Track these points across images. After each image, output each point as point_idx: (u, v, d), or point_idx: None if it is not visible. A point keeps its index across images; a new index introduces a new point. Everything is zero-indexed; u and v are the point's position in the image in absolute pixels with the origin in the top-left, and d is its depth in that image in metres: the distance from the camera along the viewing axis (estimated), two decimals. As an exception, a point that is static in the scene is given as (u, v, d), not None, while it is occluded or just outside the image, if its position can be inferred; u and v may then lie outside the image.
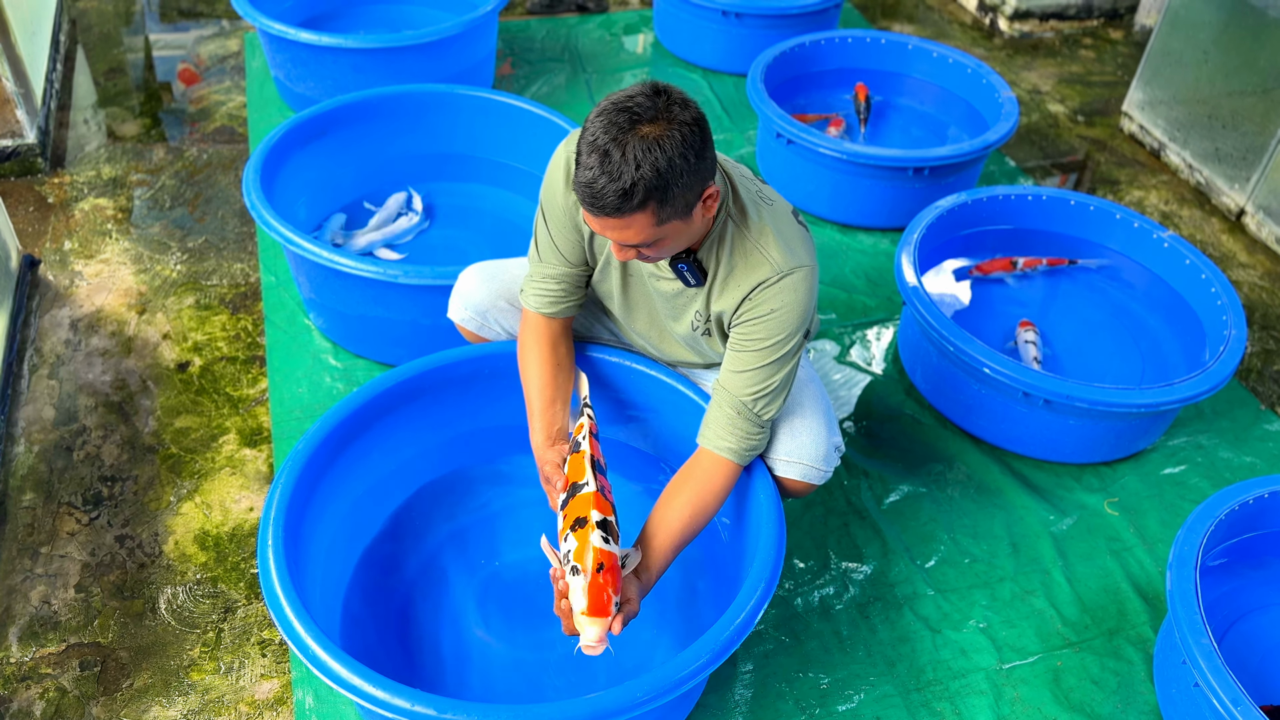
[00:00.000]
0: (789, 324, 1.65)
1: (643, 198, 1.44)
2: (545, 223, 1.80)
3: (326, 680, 1.48)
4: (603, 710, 1.45)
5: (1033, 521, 2.27)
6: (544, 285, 1.85)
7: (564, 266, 1.83)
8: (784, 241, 1.65)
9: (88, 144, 3.27)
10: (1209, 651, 1.66)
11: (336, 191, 2.88)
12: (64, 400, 2.40)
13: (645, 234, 1.51)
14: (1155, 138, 3.57)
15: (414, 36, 3.09)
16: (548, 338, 1.88)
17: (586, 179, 1.44)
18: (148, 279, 2.76)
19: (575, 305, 1.89)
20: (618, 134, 1.42)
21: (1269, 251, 3.15)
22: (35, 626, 1.95)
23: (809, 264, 1.66)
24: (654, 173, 1.42)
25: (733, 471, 1.74)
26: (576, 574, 1.51)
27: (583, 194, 1.46)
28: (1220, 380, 2.22)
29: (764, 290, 1.64)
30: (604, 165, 1.42)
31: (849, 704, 1.90)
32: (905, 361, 2.61)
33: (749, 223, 1.66)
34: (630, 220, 1.47)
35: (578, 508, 1.61)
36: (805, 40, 3.41)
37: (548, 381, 1.86)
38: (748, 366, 1.69)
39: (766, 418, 1.73)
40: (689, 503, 1.70)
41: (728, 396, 1.72)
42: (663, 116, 1.44)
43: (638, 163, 1.41)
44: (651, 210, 1.46)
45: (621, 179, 1.42)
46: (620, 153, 1.42)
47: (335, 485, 1.89)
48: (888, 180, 2.96)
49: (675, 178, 1.44)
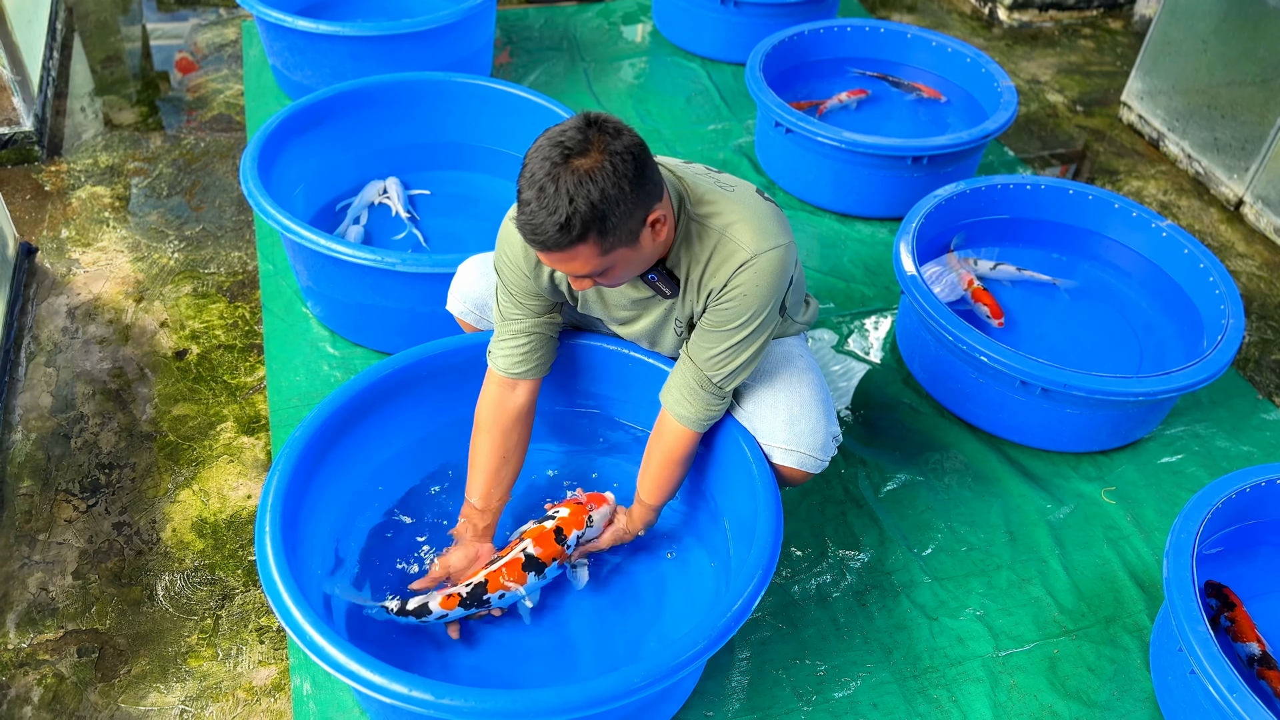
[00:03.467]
0: (758, 303, 1.66)
1: (580, 230, 1.45)
2: (501, 281, 1.82)
3: (324, 666, 1.48)
4: (600, 695, 1.45)
5: (1030, 510, 2.27)
6: (512, 342, 1.85)
7: (530, 317, 1.83)
8: (755, 223, 1.65)
9: (85, 132, 3.26)
10: (1205, 638, 1.67)
11: (334, 179, 2.87)
12: (61, 388, 2.40)
13: (592, 264, 1.52)
14: (1154, 128, 3.57)
15: (412, 24, 3.08)
16: (506, 420, 1.88)
17: (525, 215, 1.47)
18: (145, 267, 2.75)
19: (541, 365, 1.88)
20: (551, 168, 1.44)
21: (1267, 241, 3.15)
22: (33, 613, 1.95)
23: (783, 241, 1.66)
24: (588, 205, 1.44)
25: (693, 439, 1.83)
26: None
27: (523, 230, 1.48)
28: (1218, 369, 2.22)
29: (740, 274, 1.64)
30: (540, 200, 1.44)
31: (845, 691, 1.91)
32: (903, 350, 2.61)
33: (713, 215, 1.66)
34: (575, 252, 1.49)
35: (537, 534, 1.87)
36: (804, 29, 3.40)
37: (491, 472, 1.90)
38: (716, 344, 1.71)
39: (728, 389, 1.77)
40: (660, 467, 1.86)
41: (692, 368, 1.75)
42: (594, 148, 1.45)
43: (570, 196, 1.43)
44: (593, 241, 1.48)
45: (557, 213, 1.44)
46: (554, 187, 1.43)
47: (332, 472, 1.89)
48: (886, 169, 2.95)
49: (611, 207, 1.45)
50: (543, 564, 1.84)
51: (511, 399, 1.88)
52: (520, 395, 1.88)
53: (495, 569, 1.83)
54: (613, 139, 1.47)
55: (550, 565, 1.85)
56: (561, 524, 1.87)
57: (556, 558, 1.86)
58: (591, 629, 1.91)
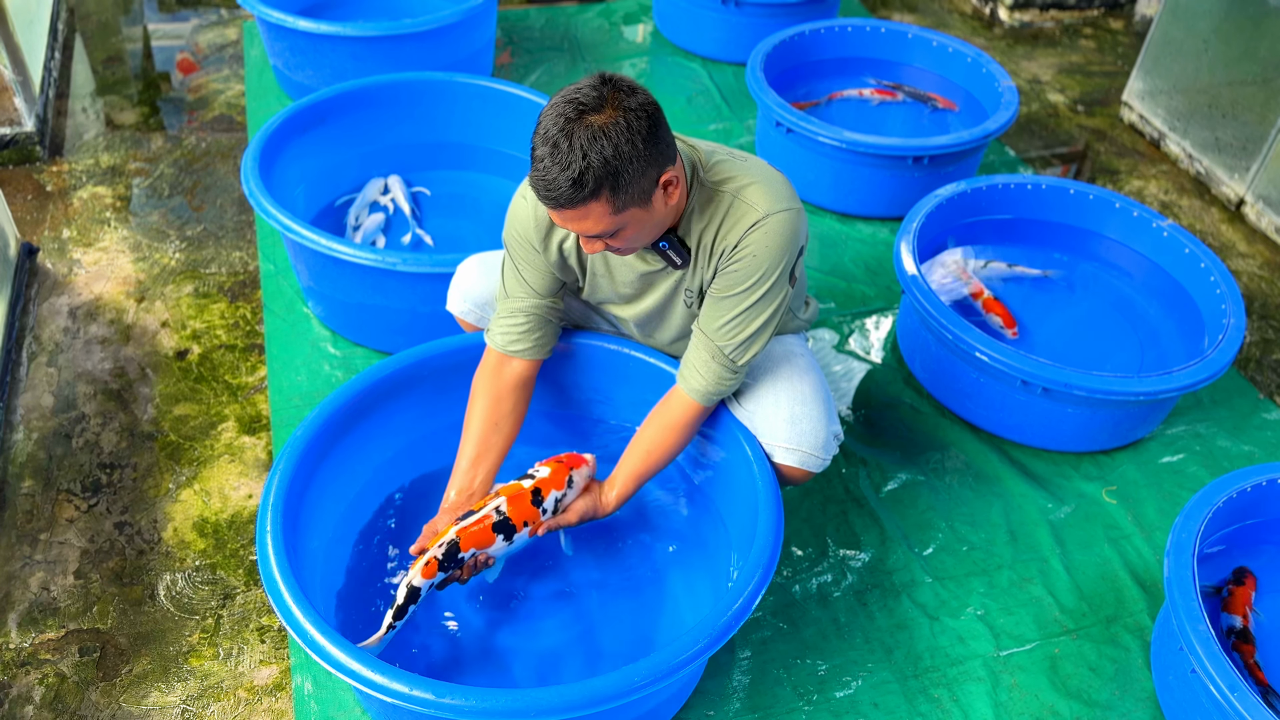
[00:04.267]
0: (769, 263, 1.66)
1: (594, 186, 1.45)
2: (510, 257, 1.82)
3: (325, 665, 1.48)
4: (601, 694, 1.45)
5: (1031, 509, 2.27)
6: (510, 320, 1.85)
7: (532, 298, 1.84)
8: (767, 186, 1.67)
9: (86, 132, 3.27)
10: (1206, 638, 1.67)
11: (335, 180, 2.87)
12: (63, 388, 2.40)
13: (604, 223, 1.52)
14: (1155, 127, 3.57)
15: (413, 25, 3.09)
16: (500, 388, 1.87)
17: (539, 171, 1.47)
18: (146, 267, 2.75)
19: (539, 346, 1.87)
20: (565, 124, 1.45)
21: (1268, 241, 3.15)
22: (35, 613, 1.95)
23: (794, 207, 1.67)
24: (601, 160, 1.44)
25: (696, 412, 1.81)
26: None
27: (537, 188, 1.48)
28: (1219, 369, 2.22)
29: (751, 233, 1.65)
30: (554, 156, 1.44)
31: (846, 690, 1.91)
32: (904, 350, 2.61)
33: (726, 180, 1.67)
34: (587, 210, 1.49)
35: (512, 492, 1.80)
36: (805, 29, 3.40)
37: (481, 438, 1.86)
38: (728, 310, 1.71)
39: (741, 363, 1.76)
40: (655, 430, 1.83)
41: (704, 340, 1.75)
42: (609, 104, 1.46)
43: (584, 151, 1.43)
44: (605, 198, 1.48)
45: (570, 168, 1.44)
46: (568, 143, 1.44)
47: (333, 472, 1.89)
48: (887, 169, 2.95)
49: (624, 164, 1.46)
50: (513, 527, 1.77)
51: (507, 371, 1.88)
52: (515, 371, 1.88)
53: (466, 524, 1.75)
54: (627, 96, 1.47)
55: (520, 532, 1.78)
56: (540, 484, 1.80)
57: (529, 520, 1.78)
58: (592, 629, 1.91)
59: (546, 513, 1.82)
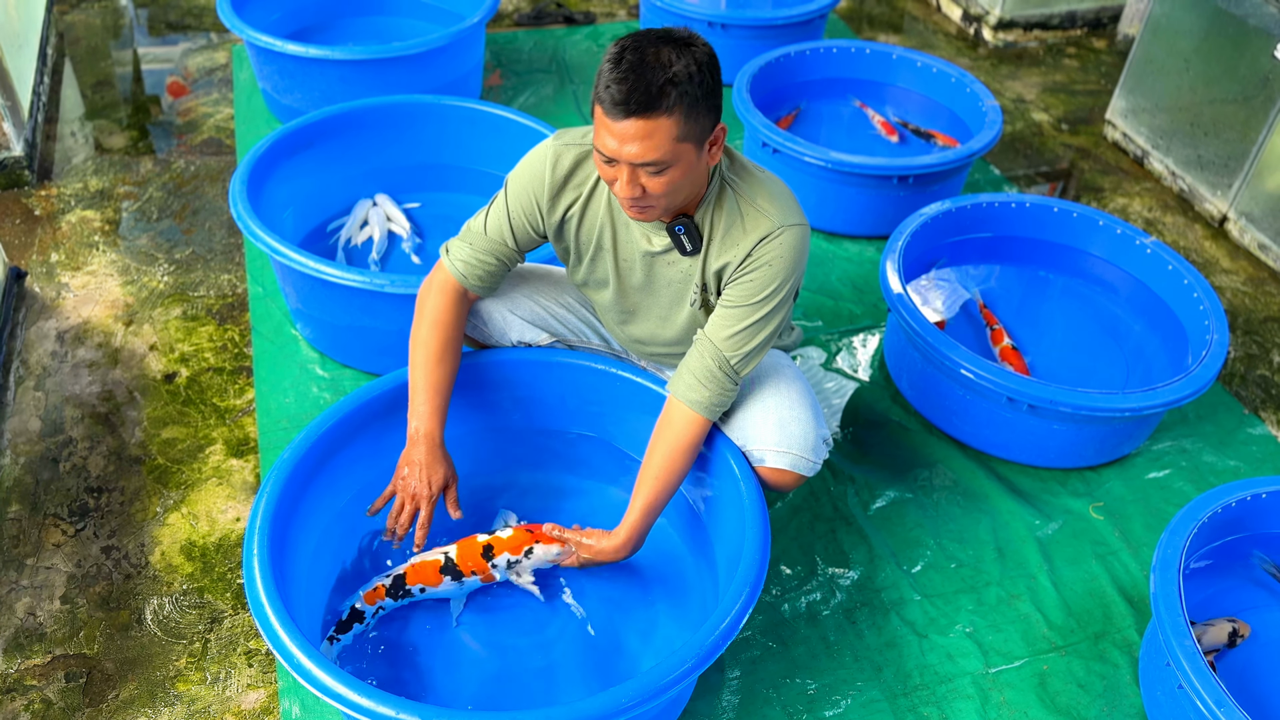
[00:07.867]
0: (782, 274, 1.70)
1: (675, 97, 1.49)
2: (506, 199, 1.82)
3: (313, 690, 1.48)
4: (587, 716, 1.45)
5: (1018, 526, 2.28)
6: (481, 259, 1.85)
7: (509, 246, 1.85)
8: (782, 200, 1.72)
9: (75, 156, 3.27)
10: (1193, 654, 1.67)
11: (324, 202, 2.88)
12: (50, 412, 2.40)
13: (664, 148, 1.52)
14: (1138, 145, 3.60)
15: (402, 48, 3.10)
16: (454, 312, 1.88)
17: (620, 74, 1.48)
18: (135, 290, 2.76)
19: (492, 289, 1.91)
20: (655, 41, 1.51)
21: (1251, 257, 3.18)
22: (20, 638, 1.94)
23: (804, 223, 1.72)
24: (686, 74, 1.49)
25: (702, 427, 1.80)
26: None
27: (616, 93, 1.49)
28: (1203, 384, 2.24)
29: (764, 244, 1.69)
30: (639, 64, 1.48)
31: (836, 709, 1.91)
32: (891, 368, 2.62)
33: (744, 184, 1.72)
34: (658, 124, 1.50)
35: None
36: (790, 50, 3.43)
37: (435, 358, 1.85)
38: (739, 320, 1.73)
39: (742, 375, 1.78)
40: (665, 456, 1.79)
41: (711, 349, 1.75)
42: (684, 40, 1.52)
43: (671, 62, 1.49)
44: (679, 117, 1.51)
45: (657, 75, 1.48)
46: (655, 54, 1.49)
47: (321, 495, 1.89)
48: (873, 188, 2.97)
49: (701, 92, 1.51)
50: (460, 573, 1.87)
51: (461, 299, 1.89)
52: (463, 303, 1.90)
53: (415, 563, 1.87)
54: (698, 41, 1.54)
55: (469, 578, 1.87)
56: (494, 542, 1.88)
57: (477, 572, 1.87)
58: (578, 649, 1.91)
59: (497, 569, 1.88)
